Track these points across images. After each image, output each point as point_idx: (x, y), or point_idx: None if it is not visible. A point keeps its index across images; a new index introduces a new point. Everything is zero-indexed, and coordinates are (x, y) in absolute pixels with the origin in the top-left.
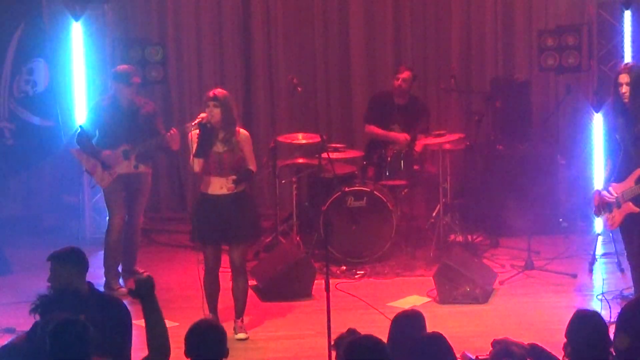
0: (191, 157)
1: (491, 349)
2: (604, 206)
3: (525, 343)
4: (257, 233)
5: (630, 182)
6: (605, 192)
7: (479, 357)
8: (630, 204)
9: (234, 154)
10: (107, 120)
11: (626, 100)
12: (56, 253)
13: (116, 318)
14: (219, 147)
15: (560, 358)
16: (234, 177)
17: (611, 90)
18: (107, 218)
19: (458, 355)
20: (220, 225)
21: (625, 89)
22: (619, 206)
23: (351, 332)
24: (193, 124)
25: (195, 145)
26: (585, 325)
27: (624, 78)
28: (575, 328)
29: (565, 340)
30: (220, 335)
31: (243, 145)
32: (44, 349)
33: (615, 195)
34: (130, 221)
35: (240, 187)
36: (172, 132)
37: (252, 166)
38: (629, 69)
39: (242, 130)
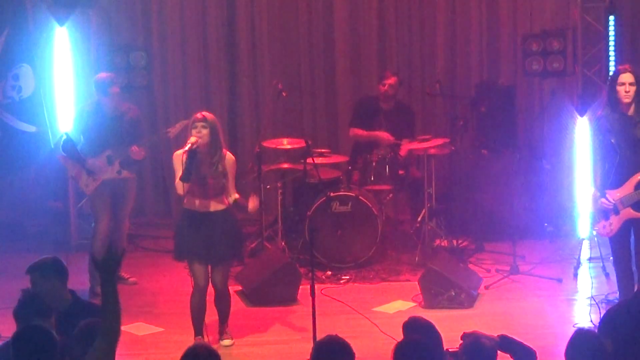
0: (176, 179)
1: (461, 341)
2: (600, 213)
3: (495, 335)
4: (240, 254)
5: (629, 187)
6: (603, 200)
7: (449, 350)
8: (630, 209)
9: (218, 179)
10: (91, 126)
11: (628, 100)
12: (35, 265)
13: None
14: (204, 170)
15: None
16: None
17: (607, 92)
18: (92, 224)
19: None
20: (205, 242)
21: (629, 89)
22: (617, 212)
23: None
24: (184, 149)
25: (180, 168)
26: (584, 344)
27: (627, 77)
28: (574, 347)
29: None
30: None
31: (229, 170)
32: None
33: (613, 201)
34: (116, 227)
35: (223, 205)
36: (132, 149)
37: (233, 190)
38: (632, 70)
39: (229, 154)
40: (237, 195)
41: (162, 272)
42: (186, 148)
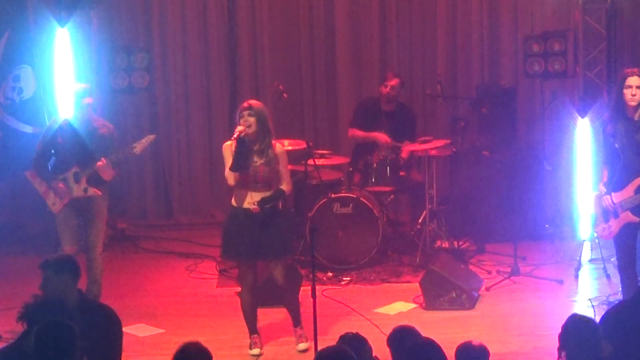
0: (226, 170)
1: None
2: (601, 215)
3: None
4: (290, 248)
5: (629, 191)
6: (607, 197)
7: None
8: (629, 213)
9: (271, 168)
10: (61, 141)
11: (634, 103)
12: (50, 261)
13: (105, 325)
14: (254, 159)
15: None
16: (258, 199)
17: (613, 94)
18: (59, 248)
19: None
20: (253, 240)
21: (635, 92)
22: (616, 215)
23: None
24: (232, 138)
25: (230, 158)
26: (579, 329)
27: (635, 81)
28: (569, 332)
29: (559, 344)
30: (206, 359)
31: (280, 159)
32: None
33: (614, 204)
34: (88, 251)
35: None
36: (101, 162)
37: (286, 183)
38: (639, 73)
39: (278, 145)
40: (258, 199)
41: (164, 273)
42: (234, 136)
